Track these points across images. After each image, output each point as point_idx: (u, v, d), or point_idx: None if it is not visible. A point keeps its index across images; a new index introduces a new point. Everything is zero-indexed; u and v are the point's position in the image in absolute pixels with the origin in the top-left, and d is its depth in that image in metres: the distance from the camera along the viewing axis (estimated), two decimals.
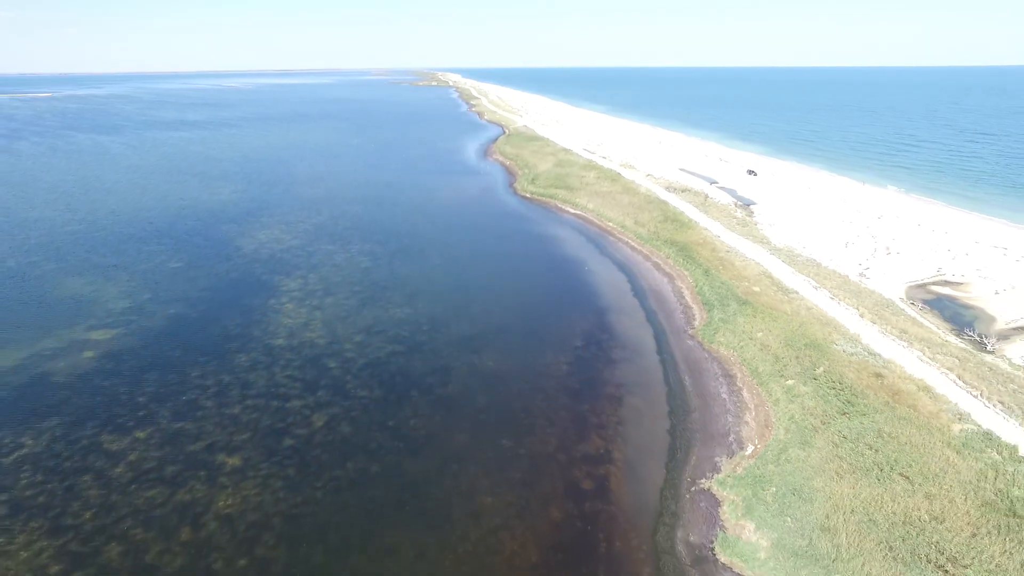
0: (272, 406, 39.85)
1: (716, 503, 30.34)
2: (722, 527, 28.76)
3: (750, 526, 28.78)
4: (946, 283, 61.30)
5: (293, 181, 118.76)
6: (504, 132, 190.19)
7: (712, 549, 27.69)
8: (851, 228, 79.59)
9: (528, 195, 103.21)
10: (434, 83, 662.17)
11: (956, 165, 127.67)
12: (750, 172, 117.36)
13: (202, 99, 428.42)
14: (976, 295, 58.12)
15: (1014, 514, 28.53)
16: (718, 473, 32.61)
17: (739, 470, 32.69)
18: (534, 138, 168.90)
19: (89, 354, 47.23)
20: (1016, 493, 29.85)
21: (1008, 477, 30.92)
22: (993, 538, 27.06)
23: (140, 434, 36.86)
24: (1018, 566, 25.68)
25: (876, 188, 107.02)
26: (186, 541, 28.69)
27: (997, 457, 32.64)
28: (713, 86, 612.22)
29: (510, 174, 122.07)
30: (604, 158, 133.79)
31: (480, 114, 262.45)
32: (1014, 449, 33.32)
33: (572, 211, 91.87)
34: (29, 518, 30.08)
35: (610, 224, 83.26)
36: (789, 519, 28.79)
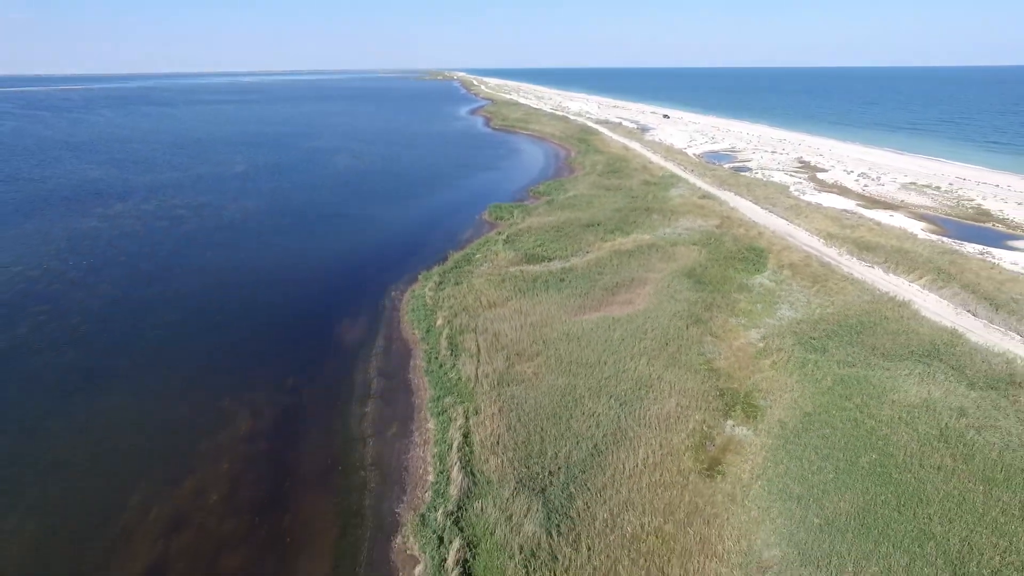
0: (342, 178, 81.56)
1: (536, 188, 71.61)
2: (535, 189, 70.11)
3: (546, 192, 70.02)
4: (732, 151, 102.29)
5: (327, 124, 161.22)
6: (492, 102, 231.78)
7: (527, 195, 68.94)
8: (702, 136, 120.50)
9: (498, 127, 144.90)
10: (439, 78, 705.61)
11: (826, 117, 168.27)
12: (664, 116, 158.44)
13: (228, 89, 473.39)
14: (744, 156, 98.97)
15: (657, 184, 69.51)
16: (541, 182, 74.10)
17: (550, 181, 74.21)
18: (514, 103, 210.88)
19: (240, 168, 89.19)
20: (663, 182, 70.80)
21: (665, 180, 71.99)
22: (642, 188, 68.06)
23: (279, 182, 78.62)
24: (647, 194, 66.60)
25: (750, 124, 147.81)
26: (307, 182, 70.34)
27: (671, 179, 73.70)
28: (700, 80, 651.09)
29: (488, 120, 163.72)
30: (563, 112, 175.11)
31: (476, 94, 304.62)
32: (682, 178, 74.31)
33: (525, 132, 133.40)
34: (230, 179, 71.86)
35: (547, 135, 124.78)
36: (561, 186, 70.03)
